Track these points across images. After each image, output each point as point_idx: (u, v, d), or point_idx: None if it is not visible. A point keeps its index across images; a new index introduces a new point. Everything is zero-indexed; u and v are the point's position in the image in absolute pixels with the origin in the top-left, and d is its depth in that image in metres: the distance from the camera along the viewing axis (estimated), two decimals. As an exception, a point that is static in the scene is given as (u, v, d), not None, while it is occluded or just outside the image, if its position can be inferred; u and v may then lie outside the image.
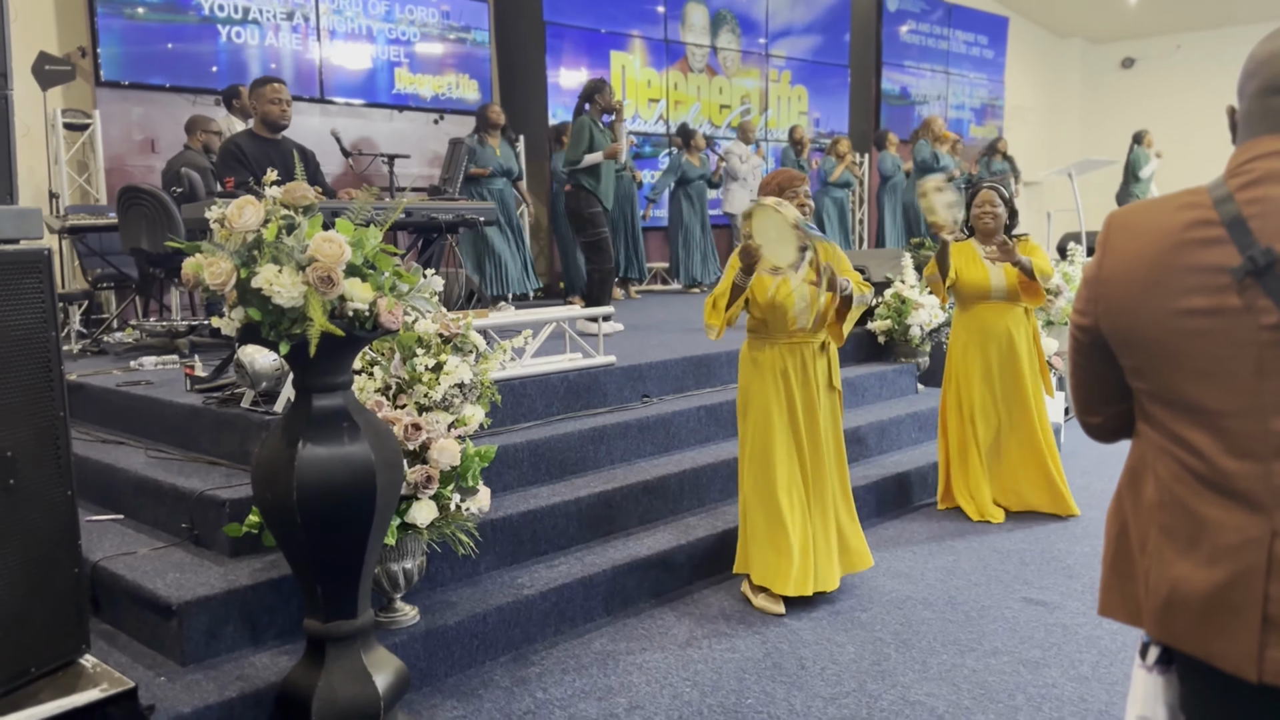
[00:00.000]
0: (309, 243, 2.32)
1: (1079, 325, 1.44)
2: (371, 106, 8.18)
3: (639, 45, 10.09)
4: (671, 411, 4.46)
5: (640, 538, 3.76)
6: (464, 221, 4.52)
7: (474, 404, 3.34)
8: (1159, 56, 17.17)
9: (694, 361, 4.91)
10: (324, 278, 2.27)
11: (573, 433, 4.06)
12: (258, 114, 4.61)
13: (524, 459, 3.86)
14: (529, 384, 4.21)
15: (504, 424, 4.05)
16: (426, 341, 3.25)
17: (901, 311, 5.67)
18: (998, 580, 3.74)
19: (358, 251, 2.39)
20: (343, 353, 2.45)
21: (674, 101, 10.49)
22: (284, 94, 4.61)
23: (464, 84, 8.71)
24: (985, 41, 14.85)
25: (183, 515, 3.31)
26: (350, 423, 2.48)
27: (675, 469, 4.12)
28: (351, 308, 2.35)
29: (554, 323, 4.49)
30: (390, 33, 8.23)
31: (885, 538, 4.28)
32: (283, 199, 2.40)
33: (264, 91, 4.62)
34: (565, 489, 3.81)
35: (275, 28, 7.59)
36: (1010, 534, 4.28)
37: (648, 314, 7.44)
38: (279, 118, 4.60)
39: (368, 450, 2.46)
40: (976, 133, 14.71)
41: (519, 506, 3.58)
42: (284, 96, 4.60)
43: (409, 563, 2.96)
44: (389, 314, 2.38)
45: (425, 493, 2.88)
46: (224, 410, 3.72)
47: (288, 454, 2.42)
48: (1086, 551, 4.03)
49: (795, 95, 11.91)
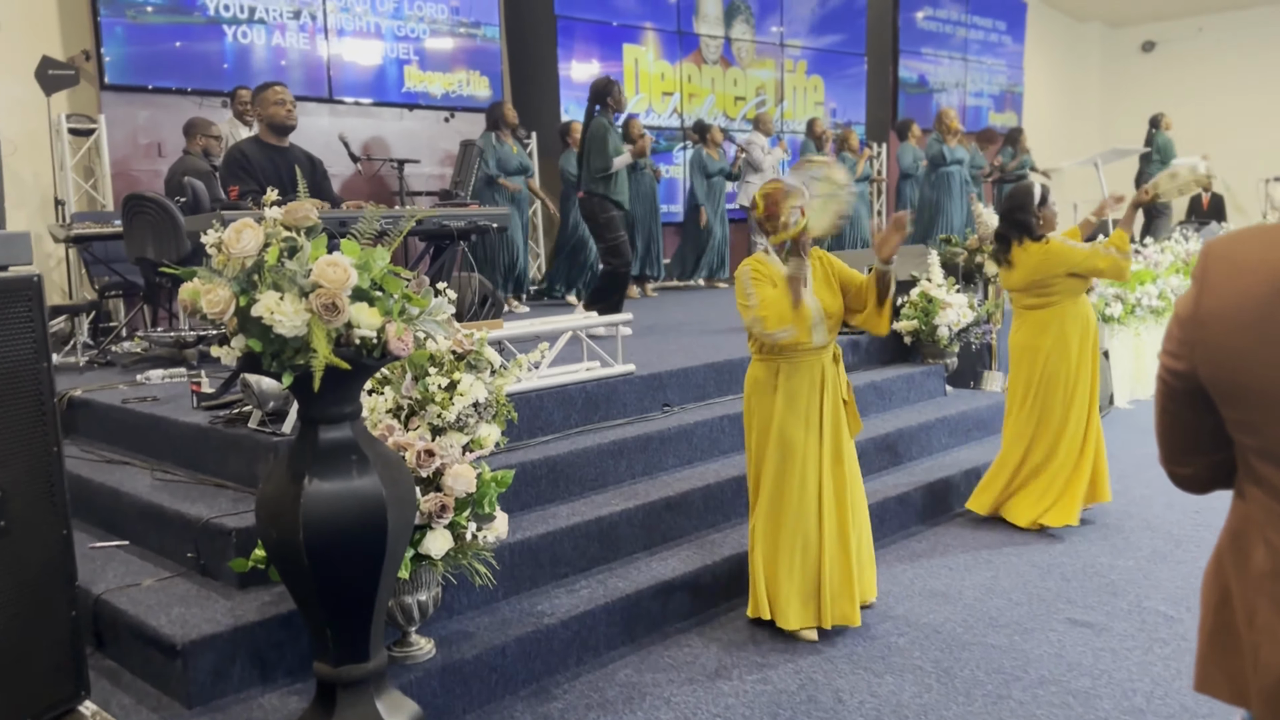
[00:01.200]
0: (312, 267, 2.18)
1: (1171, 370, 1.28)
2: (381, 105, 8.04)
3: (652, 37, 9.91)
4: (694, 421, 4.30)
5: (664, 557, 3.61)
6: (477, 229, 4.37)
7: (489, 423, 3.20)
8: (1180, 39, 16.85)
9: (715, 368, 4.75)
10: (328, 305, 2.13)
11: (592, 447, 3.91)
12: (263, 120, 4.47)
13: (542, 476, 3.72)
14: (545, 396, 4.06)
15: (520, 439, 3.90)
16: (439, 360, 3.10)
17: (929, 311, 5.50)
18: (1039, 599, 3.57)
19: (364, 274, 2.24)
20: (350, 382, 2.31)
21: (688, 94, 10.30)
22: (287, 96, 4.46)
23: (475, 81, 8.55)
24: (1003, 27, 14.59)
25: (188, 543, 3.18)
26: (359, 455, 2.33)
27: (699, 483, 3.96)
28: (358, 335, 2.21)
29: (569, 331, 4.34)
30: (399, 30, 8.08)
31: (918, 551, 4.11)
32: (284, 220, 2.26)
33: (266, 96, 4.48)
34: (585, 507, 3.67)
35: (282, 27, 7.45)
36: (1048, 546, 4.11)
37: (665, 313, 7.28)
38: (286, 119, 4.46)
39: (378, 484, 2.32)
40: (996, 119, 14.45)
41: (537, 528, 3.43)
42: (287, 98, 4.46)
43: (423, 595, 2.82)
44: (398, 340, 2.24)
45: (439, 522, 2.73)
46: (231, 430, 3.58)
47: (293, 490, 2.28)
48: (1129, 566, 3.86)
49: (811, 86, 11.70)
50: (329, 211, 4.13)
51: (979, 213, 6.06)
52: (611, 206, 6.17)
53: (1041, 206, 4.24)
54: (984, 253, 6.06)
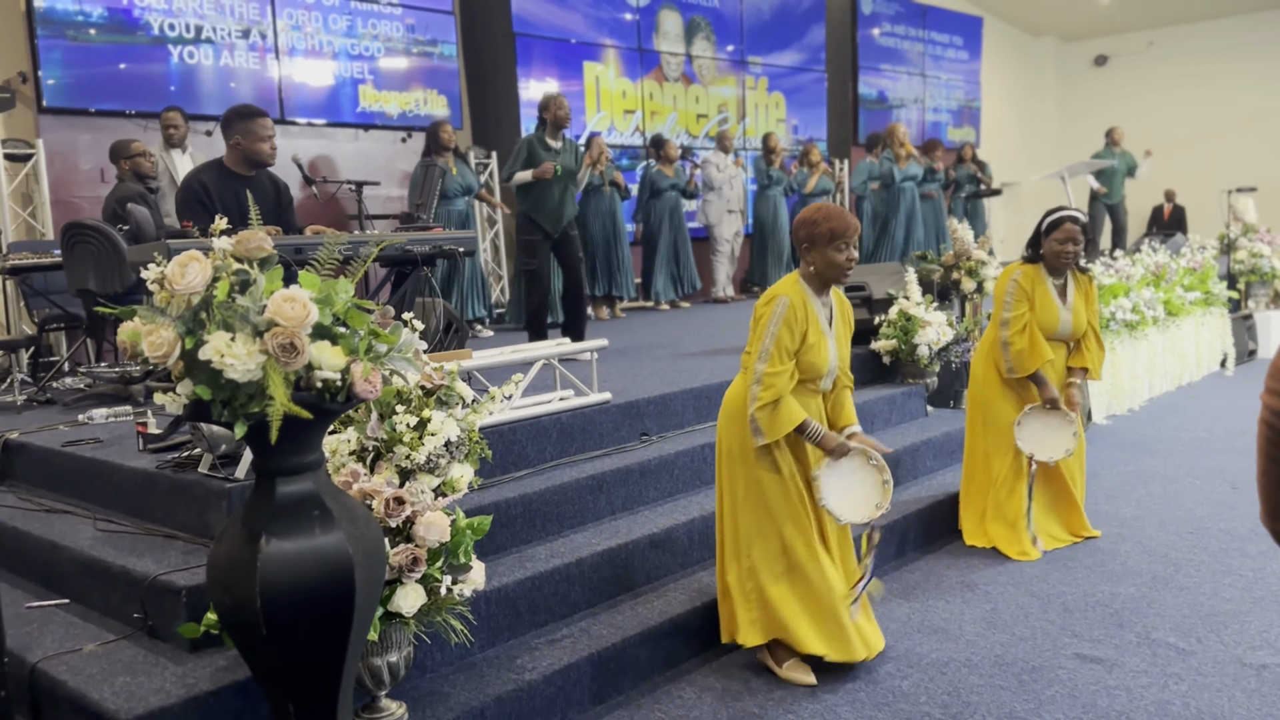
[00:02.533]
0: (266, 303, 1.95)
1: (1277, 412, 1.10)
2: (335, 126, 7.78)
3: (612, 55, 9.76)
4: (675, 451, 4.10)
5: (650, 600, 3.39)
6: (442, 253, 4.14)
7: (462, 462, 2.97)
8: (1132, 53, 17.07)
9: (694, 394, 4.56)
10: (285, 345, 1.90)
11: (569, 482, 3.69)
12: (241, 150, 4.08)
13: (517, 515, 3.50)
14: (519, 429, 3.84)
15: (494, 475, 3.68)
16: (407, 396, 2.88)
17: (908, 330, 5.35)
18: (1044, 633, 3.41)
19: (325, 309, 2.03)
20: (311, 429, 2.08)
21: (650, 112, 10.16)
22: (272, 128, 4.10)
23: (432, 100, 8.33)
24: (960, 43, 14.65)
25: (134, 603, 2.91)
26: (322, 510, 2.11)
27: (683, 517, 3.76)
28: (320, 377, 1.98)
29: (542, 360, 4.12)
30: (353, 49, 7.84)
31: (912, 583, 3.94)
32: (234, 251, 2.03)
33: (253, 128, 4.05)
34: (565, 548, 3.45)
35: (230, 46, 7.18)
36: (1045, 574, 3.96)
37: (635, 335, 7.09)
38: (269, 157, 4.10)
39: (343, 541, 2.09)
40: (954, 135, 14.48)
41: (515, 573, 3.21)
42: (273, 131, 4.10)
43: (394, 655, 2.58)
44: (365, 382, 2.02)
45: (411, 576, 2.50)
46: (180, 475, 3.32)
47: (248, 552, 2.04)
48: (1131, 594, 3.71)
49: (773, 103, 11.61)
50: (281, 237, 3.86)
51: (954, 228, 5.94)
52: (533, 228, 5.96)
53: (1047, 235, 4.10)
54: (960, 269, 5.94)
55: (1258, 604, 3.55)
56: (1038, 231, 4.17)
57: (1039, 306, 4.10)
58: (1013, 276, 4.14)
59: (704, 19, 10.70)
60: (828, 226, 3.02)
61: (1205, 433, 6.16)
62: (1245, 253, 8.80)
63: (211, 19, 7.09)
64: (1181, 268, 7.96)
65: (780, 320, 2.98)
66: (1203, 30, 16.25)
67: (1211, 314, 7.95)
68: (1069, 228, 4.06)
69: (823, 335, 3.07)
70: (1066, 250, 4.06)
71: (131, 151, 5.74)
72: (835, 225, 3.02)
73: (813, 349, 3.02)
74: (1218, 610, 3.51)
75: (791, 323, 2.98)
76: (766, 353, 2.98)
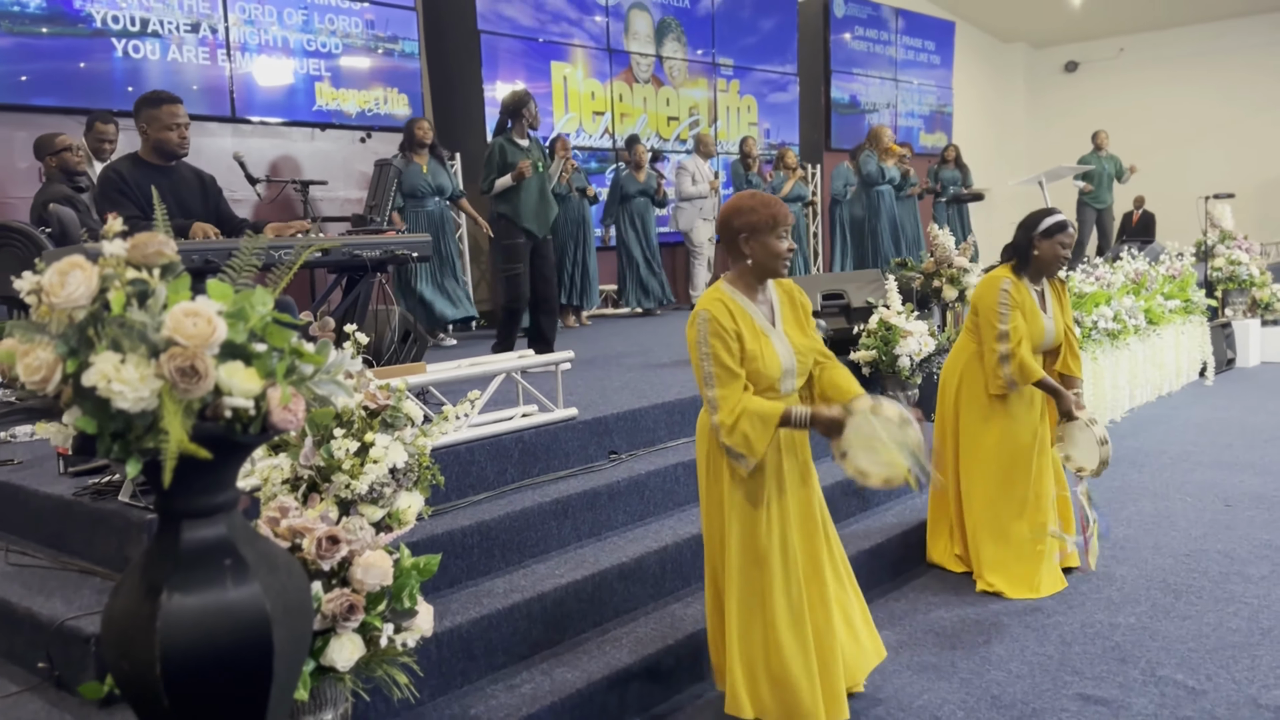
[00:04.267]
0: (164, 318, 1.66)
1: None
2: (291, 125, 7.45)
3: (581, 55, 9.49)
4: (645, 471, 3.83)
5: (619, 638, 3.11)
6: (394, 258, 3.85)
7: (410, 490, 2.69)
8: (1102, 59, 17.04)
9: (665, 409, 4.29)
10: (184, 369, 1.61)
11: (531, 507, 3.41)
12: (148, 139, 3.82)
13: (473, 544, 3.21)
14: (476, 449, 3.55)
15: (448, 499, 3.39)
16: (347, 419, 2.59)
17: (888, 340, 5.11)
18: (1042, 669, 3.16)
19: (238, 326, 1.73)
20: (222, 464, 1.79)
21: (620, 114, 9.89)
22: (183, 116, 3.81)
23: (393, 98, 8.01)
24: (932, 47, 14.51)
25: (40, 649, 2.60)
26: (235, 558, 1.81)
27: (654, 544, 3.49)
28: (229, 405, 1.69)
29: (503, 374, 3.83)
30: (309, 44, 7.51)
31: (897, 613, 3.69)
32: (130, 256, 1.73)
33: (158, 114, 3.77)
34: (525, 580, 3.16)
35: (179, 41, 6.83)
36: (1039, 601, 3.72)
37: (604, 344, 6.81)
38: (177, 146, 3.80)
39: (259, 596, 1.79)
40: (926, 140, 14.34)
41: (469, 610, 2.92)
42: (183, 120, 3.80)
43: (328, 714, 2.29)
44: (284, 411, 1.72)
45: (347, 625, 2.21)
46: (99, 504, 3.01)
47: (146, 609, 1.74)
48: (1132, 624, 3.48)
49: (745, 106, 11.39)
50: (188, 242, 3.52)
51: (935, 234, 5.72)
52: (517, 232, 5.68)
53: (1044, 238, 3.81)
54: (941, 277, 5.72)
55: (1266, 635, 3.33)
56: (1028, 236, 3.88)
57: (1029, 318, 3.82)
58: (1002, 286, 3.82)
59: (674, 20, 10.46)
60: (768, 213, 2.67)
61: (1191, 445, 5.97)
62: (1223, 260, 8.67)
63: (158, 11, 6.74)
64: (1161, 275, 7.80)
65: (708, 338, 2.64)
66: (1172, 37, 16.24)
67: (1191, 322, 7.79)
68: (1072, 233, 3.82)
69: (763, 336, 2.70)
70: (1065, 256, 3.82)
71: (57, 146, 5.38)
72: (776, 211, 2.68)
73: (755, 357, 2.66)
74: (1225, 643, 3.29)
75: (722, 334, 2.64)
76: (711, 376, 2.64)
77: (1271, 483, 5.11)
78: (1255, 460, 5.56)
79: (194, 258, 3.37)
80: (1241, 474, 5.30)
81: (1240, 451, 5.77)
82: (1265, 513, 4.63)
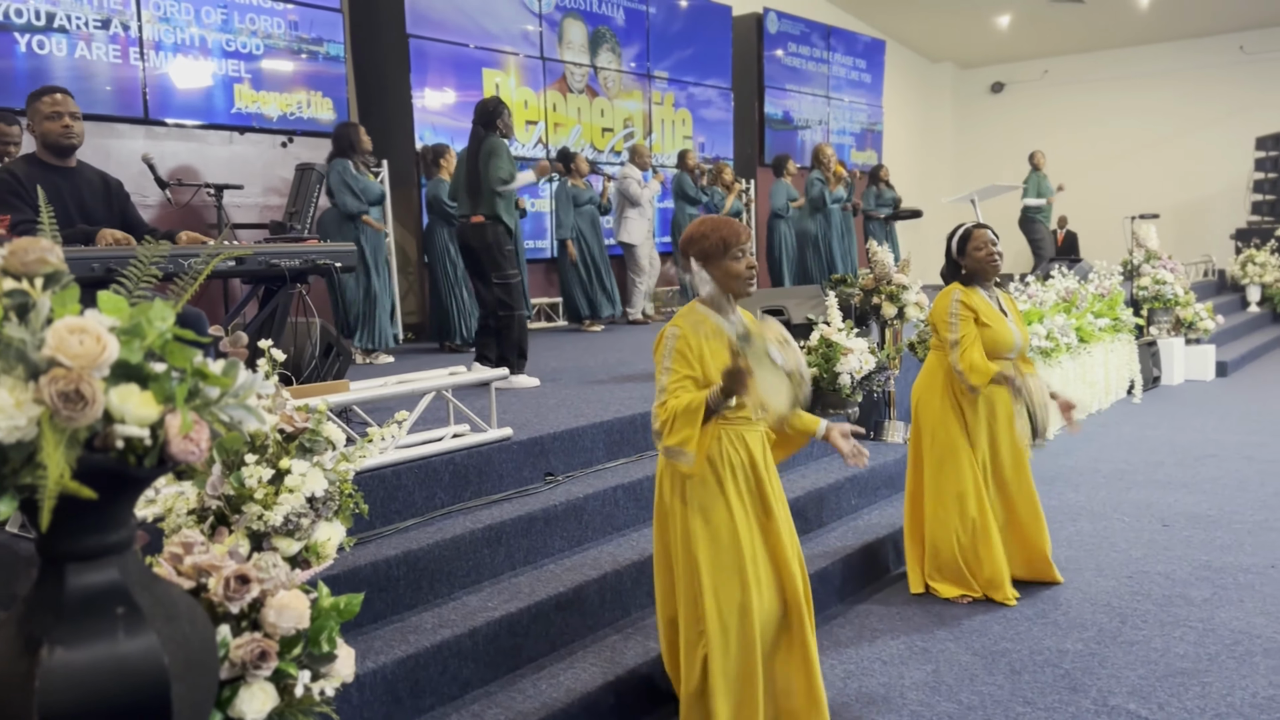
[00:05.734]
0: (47, 335, 1.45)
1: None
2: (207, 128, 7.11)
3: (513, 63, 9.30)
4: (583, 495, 3.66)
5: (555, 673, 2.93)
6: (315, 268, 3.62)
7: (331, 520, 2.48)
8: (1027, 80, 17.39)
9: (604, 428, 4.13)
10: (69, 393, 1.40)
11: (462, 534, 3.21)
12: (36, 135, 3.57)
13: (399, 576, 3.00)
14: (404, 472, 3.35)
15: (373, 528, 3.18)
16: (260, 443, 2.37)
17: (829, 358, 5.02)
18: (993, 700, 3.06)
19: (133, 343, 1.52)
20: (114, 501, 1.57)
21: (553, 124, 9.72)
22: (66, 106, 3.55)
23: (317, 102, 7.72)
24: (864, 65, 14.63)
25: (-92, 701, 2.32)
26: (128, 606, 1.59)
27: (593, 572, 3.31)
28: (122, 434, 1.48)
29: (432, 392, 3.63)
30: (228, 45, 7.19)
31: (843, 639, 3.57)
32: (7, 264, 1.52)
33: (39, 106, 3.54)
34: (455, 614, 2.96)
35: (87, 37, 6.48)
36: (986, 626, 3.63)
37: (541, 360, 6.62)
38: (61, 137, 3.56)
39: (155, 649, 1.57)
40: (857, 158, 14.45)
41: (394, 649, 2.71)
42: (66, 109, 3.54)
43: (238, 772, 2.06)
44: (184, 440, 1.52)
45: (258, 674, 2.00)
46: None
47: (23, 665, 1.52)
48: (1080, 650, 3.40)
49: (680, 119, 11.30)
50: (78, 249, 3.25)
51: (875, 251, 5.66)
52: (509, 237, 5.48)
53: (962, 252, 3.88)
54: (881, 293, 5.66)
55: (1214, 661, 3.28)
56: (950, 256, 3.96)
57: (993, 323, 3.81)
58: (954, 296, 3.84)
59: (609, 30, 10.33)
60: (718, 236, 2.65)
61: (1124, 464, 5.99)
62: (1149, 279, 8.81)
63: (65, 6, 6.38)
64: (1091, 294, 7.89)
65: (672, 352, 2.62)
66: (1094, 60, 16.65)
67: (1120, 341, 7.89)
68: (980, 233, 3.87)
69: None
70: (991, 255, 3.85)
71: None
72: (725, 234, 2.65)
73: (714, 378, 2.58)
74: (1174, 669, 3.23)
75: (685, 351, 2.60)
76: (662, 389, 2.61)
77: (1205, 501, 5.13)
78: (1188, 479, 5.59)
79: (94, 266, 3.11)
80: (1176, 493, 5.32)
81: (1172, 470, 5.81)
82: (1202, 532, 4.63)
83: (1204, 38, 15.75)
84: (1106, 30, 15.71)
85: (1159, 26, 15.51)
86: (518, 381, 5.29)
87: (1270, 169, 14.18)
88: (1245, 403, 7.93)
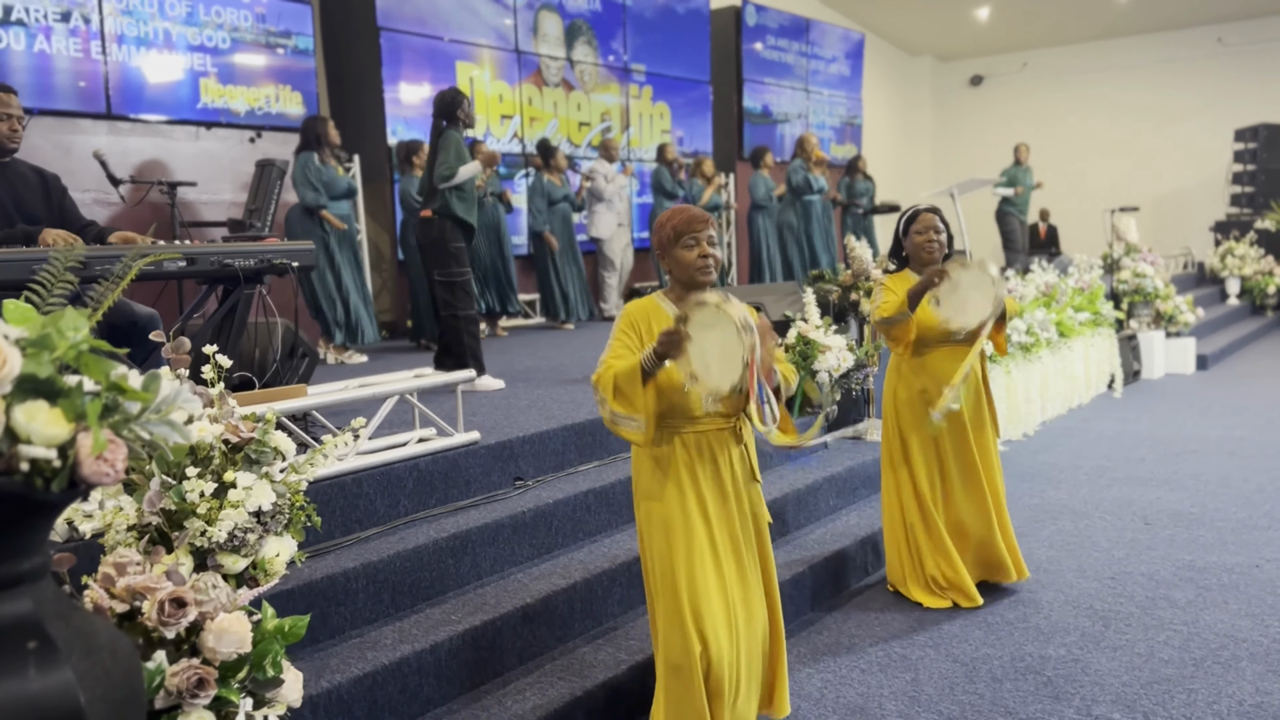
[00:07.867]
0: (-60, 349, 1.32)
1: None
2: (173, 124, 6.95)
3: (488, 56, 9.16)
4: (553, 500, 3.55)
5: (523, 690, 2.82)
6: (271, 268, 3.49)
7: (280, 534, 2.36)
8: (1006, 73, 17.36)
9: (575, 431, 4.02)
10: (-39, 412, 1.28)
11: (426, 543, 3.10)
12: None
13: (359, 589, 2.88)
14: (365, 479, 3.23)
15: (330, 537, 3.06)
16: (203, 455, 2.25)
17: (807, 355, 4.92)
18: (975, 709, 2.98)
19: (40, 356, 1.41)
20: (24, 527, 1.45)
21: (529, 118, 9.59)
22: (12, 106, 3.43)
23: (285, 96, 7.57)
24: (843, 59, 14.55)
25: None
26: (41, 640, 1.47)
27: (562, 581, 3.21)
28: (28, 455, 1.36)
29: (396, 396, 3.51)
30: (194, 38, 7.03)
31: (820, 646, 3.47)
32: (-101, 269, 1.39)
33: None
34: (417, 628, 2.85)
35: (47, 30, 6.31)
36: (966, 632, 3.55)
37: (512, 359, 6.50)
38: (7, 140, 3.43)
39: (71, 685, 1.46)
40: (837, 151, 14.36)
41: (351, 667, 2.60)
42: (13, 110, 3.42)
43: (176, 806, 1.95)
44: (97, 461, 1.40)
45: (196, 703, 1.88)
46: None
47: (-78, 708, 1.40)
48: (1062, 656, 3.32)
49: (657, 113, 11.19)
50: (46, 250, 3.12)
51: (853, 247, 5.57)
52: (461, 234, 5.33)
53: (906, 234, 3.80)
54: (859, 289, 5.57)
55: (1199, 666, 3.20)
56: (896, 236, 3.88)
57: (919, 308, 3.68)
58: (880, 282, 3.89)
59: (585, 23, 10.20)
60: (670, 226, 2.59)
61: (1105, 460, 5.93)
62: (1129, 273, 8.77)
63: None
64: (1071, 288, 7.83)
65: (618, 328, 2.59)
66: (1074, 53, 16.64)
67: (1100, 334, 7.83)
68: (925, 217, 3.76)
69: None
70: (930, 240, 3.74)
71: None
72: (677, 222, 2.58)
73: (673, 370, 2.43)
74: (1159, 675, 3.15)
75: (632, 329, 2.58)
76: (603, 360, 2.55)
77: (1186, 499, 5.07)
78: (1169, 475, 5.53)
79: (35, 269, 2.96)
80: (1157, 490, 5.25)
81: (1153, 466, 5.75)
82: (1184, 531, 4.56)
83: (1182, 30, 15.75)
84: (1085, 23, 15.69)
85: (1137, 19, 15.50)
86: (481, 384, 5.16)
87: (1249, 161, 14.19)
88: (1226, 396, 7.89)
